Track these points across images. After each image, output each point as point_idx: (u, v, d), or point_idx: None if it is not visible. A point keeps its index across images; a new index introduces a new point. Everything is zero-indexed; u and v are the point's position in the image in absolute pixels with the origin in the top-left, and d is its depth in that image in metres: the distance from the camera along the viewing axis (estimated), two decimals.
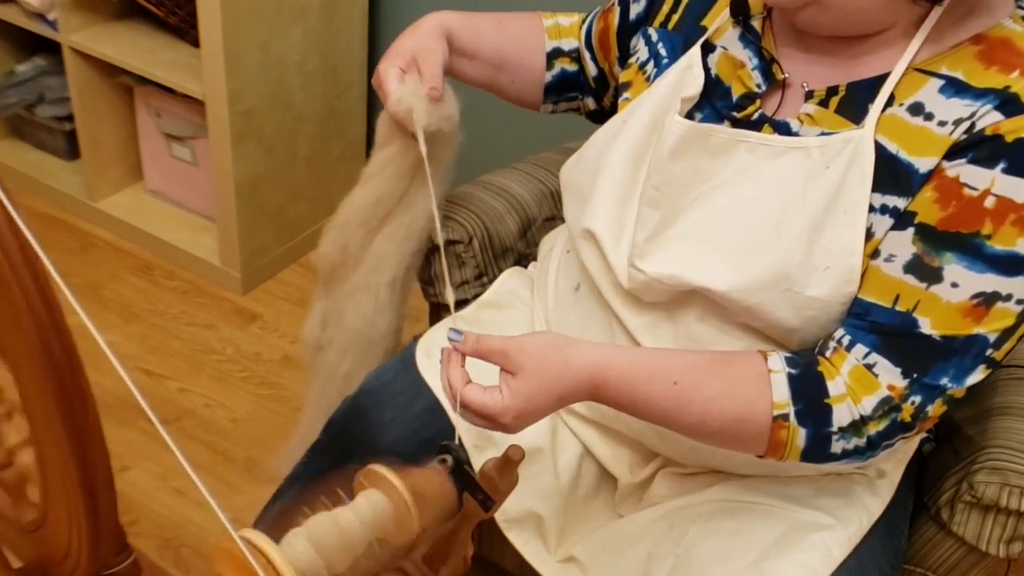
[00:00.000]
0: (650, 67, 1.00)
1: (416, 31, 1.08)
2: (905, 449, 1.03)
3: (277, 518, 1.12)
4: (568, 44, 1.17)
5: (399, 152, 1.09)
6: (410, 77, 1.04)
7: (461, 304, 1.23)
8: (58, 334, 0.54)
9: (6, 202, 0.51)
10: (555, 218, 1.37)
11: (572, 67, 1.17)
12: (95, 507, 0.60)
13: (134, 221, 2.18)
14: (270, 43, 1.85)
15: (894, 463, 1.02)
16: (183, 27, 1.95)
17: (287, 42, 1.90)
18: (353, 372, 1.20)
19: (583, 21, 1.17)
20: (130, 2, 2.00)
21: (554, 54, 1.16)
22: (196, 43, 1.83)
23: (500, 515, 1.01)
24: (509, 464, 0.77)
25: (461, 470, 0.77)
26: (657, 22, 1.02)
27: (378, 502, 0.71)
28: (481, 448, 1.02)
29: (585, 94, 1.19)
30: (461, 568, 0.83)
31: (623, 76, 1.04)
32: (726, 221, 0.87)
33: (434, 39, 1.07)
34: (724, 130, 0.89)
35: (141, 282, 2.10)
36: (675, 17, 1.01)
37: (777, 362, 0.82)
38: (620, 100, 1.02)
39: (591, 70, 1.15)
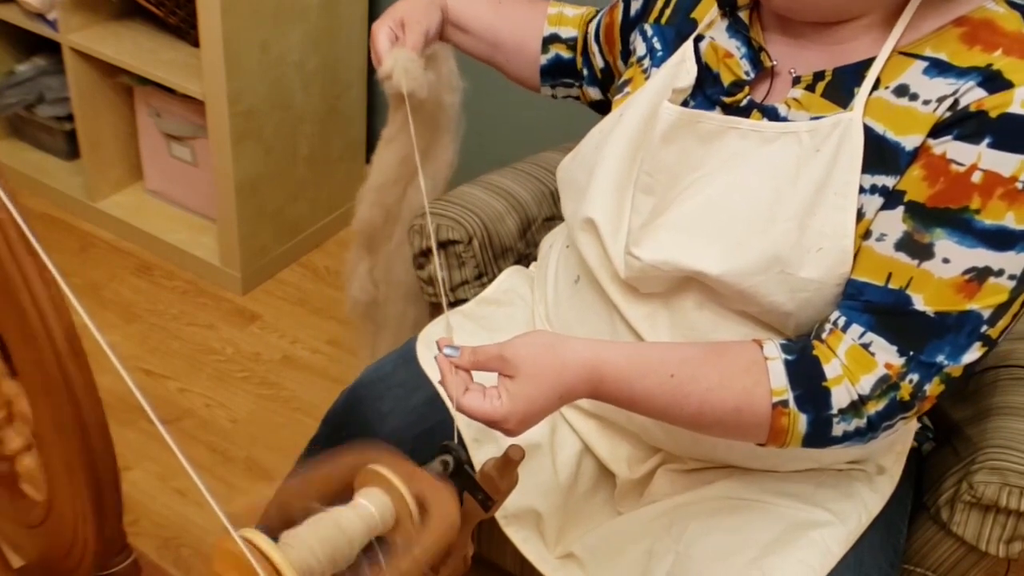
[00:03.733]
0: (647, 62, 1.02)
1: None
2: (903, 442, 1.03)
3: (277, 515, 1.12)
4: (566, 32, 1.20)
5: (413, 111, 1.13)
6: (399, 45, 1.10)
7: (460, 304, 1.23)
8: (64, 332, 0.54)
9: (8, 203, 0.51)
10: (555, 218, 1.37)
11: (567, 54, 1.20)
12: (101, 503, 0.60)
13: (134, 221, 2.18)
14: (270, 43, 1.85)
15: (893, 458, 1.02)
16: (183, 27, 1.95)
17: (287, 42, 1.90)
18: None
19: (593, 16, 1.19)
20: (130, 2, 2.00)
21: (550, 39, 1.20)
22: (196, 43, 1.83)
23: (499, 512, 1.01)
24: (509, 464, 0.77)
25: (461, 470, 0.77)
26: (652, 17, 1.04)
27: (378, 501, 0.71)
28: (481, 443, 1.02)
29: (587, 84, 1.21)
30: (461, 568, 0.83)
31: (626, 73, 1.05)
32: (719, 207, 0.88)
33: (425, 9, 1.13)
34: (714, 116, 0.90)
35: (141, 282, 2.10)
36: (667, 12, 1.03)
37: (773, 349, 0.83)
38: (619, 96, 1.03)
39: (598, 63, 1.17)
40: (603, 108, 1.21)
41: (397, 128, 1.16)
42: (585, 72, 1.19)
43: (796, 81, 0.88)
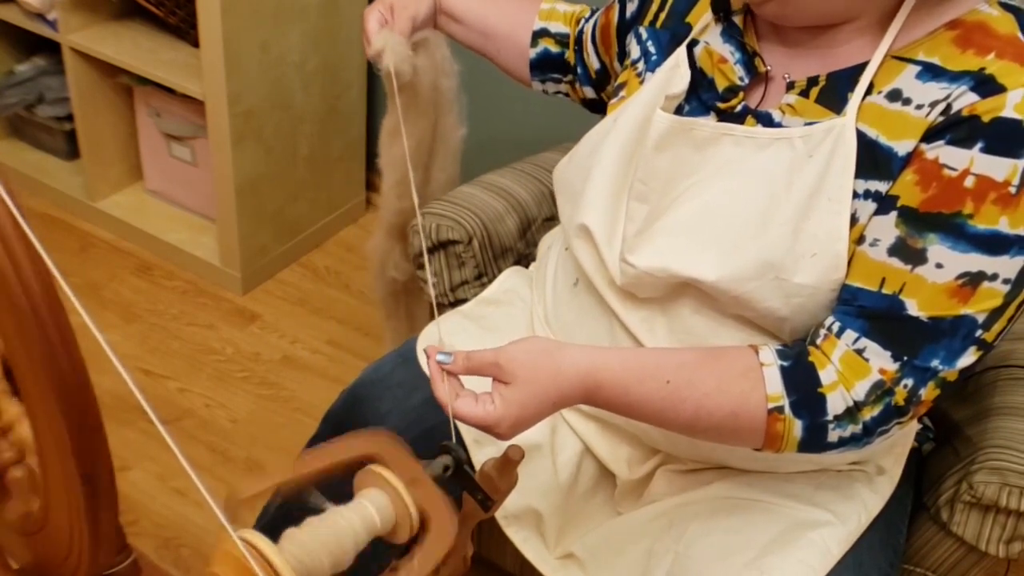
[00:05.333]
0: (641, 65, 1.02)
1: None
2: (903, 444, 1.03)
3: (276, 516, 1.12)
4: (556, 27, 1.21)
5: (411, 98, 1.16)
6: (388, 28, 1.13)
7: (460, 304, 1.23)
8: (61, 333, 0.54)
9: (8, 201, 0.51)
10: (555, 218, 1.37)
11: (556, 49, 1.21)
12: (97, 509, 0.60)
13: (134, 221, 2.18)
14: (270, 43, 1.85)
15: (893, 458, 1.02)
16: (183, 27, 1.95)
17: (287, 42, 1.90)
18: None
19: (588, 15, 1.20)
20: (130, 2, 2.00)
21: (540, 33, 1.21)
22: (196, 43, 1.83)
23: (499, 512, 1.01)
24: (509, 464, 0.77)
25: (461, 470, 0.77)
26: (647, 20, 1.04)
27: (378, 502, 0.71)
28: (481, 444, 1.02)
29: (582, 82, 1.21)
30: (461, 568, 0.83)
31: (621, 77, 1.05)
32: (714, 213, 0.88)
33: None
34: (708, 123, 0.90)
35: (141, 282, 2.10)
36: (662, 15, 1.03)
37: (768, 355, 0.83)
38: (614, 100, 1.03)
39: (593, 63, 1.18)
40: (596, 107, 1.22)
41: (398, 117, 1.18)
42: (579, 70, 1.20)
43: (790, 86, 0.88)
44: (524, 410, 0.79)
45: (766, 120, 0.89)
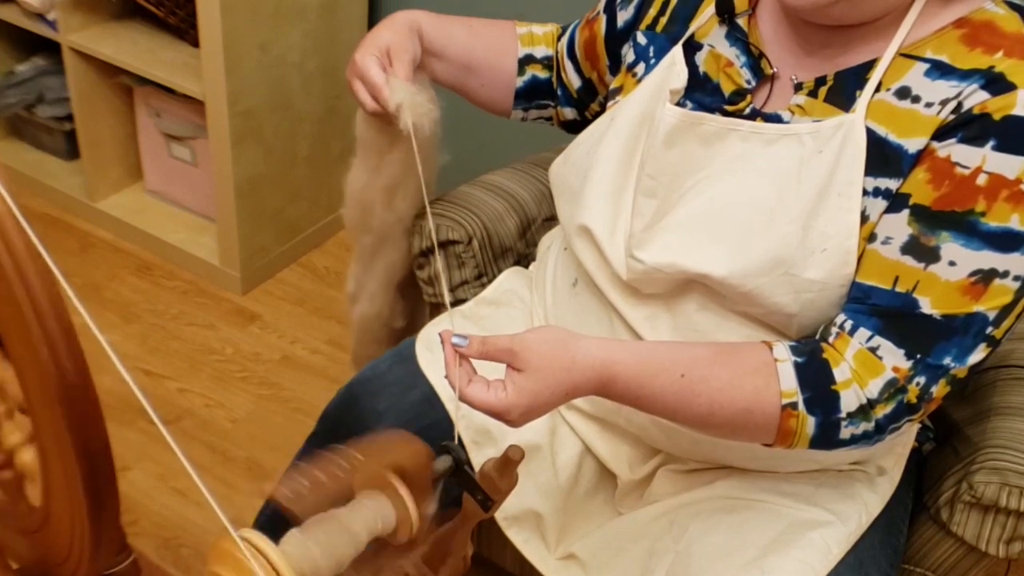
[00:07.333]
0: (640, 68, 1.01)
1: (391, 25, 1.07)
2: (903, 444, 1.03)
3: (274, 515, 1.12)
4: (540, 51, 1.17)
5: (395, 146, 1.10)
6: (391, 75, 1.04)
7: (460, 304, 1.23)
8: (63, 333, 0.54)
9: (8, 200, 0.51)
10: (554, 218, 1.37)
11: (544, 74, 1.18)
12: (98, 508, 0.60)
13: (134, 221, 2.18)
14: (270, 43, 1.85)
15: (894, 459, 1.02)
16: (183, 27, 1.95)
17: (287, 42, 1.90)
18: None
19: (561, 32, 1.17)
20: (130, 2, 2.00)
21: (526, 60, 1.17)
22: (196, 43, 1.83)
23: (499, 513, 1.01)
24: (509, 464, 0.77)
25: (461, 470, 0.77)
26: (644, 25, 1.03)
27: (378, 502, 0.71)
28: (480, 445, 1.02)
29: (561, 103, 1.18)
30: (461, 568, 0.83)
31: (615, 82, 1.05)
32: (723, 208, 0.88)
33: (407, 36, 1.07)
34: (715, 119, 0.90)
35: (141, 282, 2.10)
36: (663, 20, 1.02)
37: (782, 351, 0.83)
38: (610, 103, 1.03)
39: (574, 81, 1.15)
40: (575, 128, 1.17)
41: (401, 170, 1.12)
42: (559, 92, 1.18)
43: (798, 87, 0.88)
44: (536, 399, 0.79)
45: (775, 121, 0.89)
